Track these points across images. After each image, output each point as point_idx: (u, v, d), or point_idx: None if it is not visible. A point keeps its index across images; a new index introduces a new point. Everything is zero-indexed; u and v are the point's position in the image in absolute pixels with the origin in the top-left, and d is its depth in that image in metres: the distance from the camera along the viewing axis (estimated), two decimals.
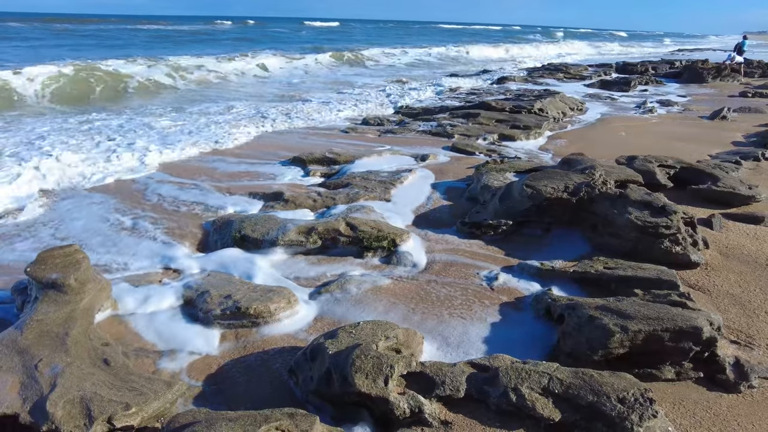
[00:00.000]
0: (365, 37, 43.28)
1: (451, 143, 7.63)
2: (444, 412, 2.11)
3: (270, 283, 3.57)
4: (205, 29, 47.22)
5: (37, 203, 5.21)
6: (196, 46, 27.79)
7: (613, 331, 2.63)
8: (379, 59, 25.55)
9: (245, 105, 11.46)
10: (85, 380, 2.33)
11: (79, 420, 2.13)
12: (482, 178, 5.27)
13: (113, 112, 10.43)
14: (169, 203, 5.27)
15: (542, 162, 6.23)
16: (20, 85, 12.19)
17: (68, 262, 3.14)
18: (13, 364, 2.43)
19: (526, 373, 2.17)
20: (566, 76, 17.27)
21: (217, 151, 7.45)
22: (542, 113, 9.48)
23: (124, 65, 15.95)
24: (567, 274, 3.67)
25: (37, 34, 33.45)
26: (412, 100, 12.38)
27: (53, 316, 2.78)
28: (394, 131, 8.59)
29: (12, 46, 24.68)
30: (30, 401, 2.21)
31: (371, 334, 2.50)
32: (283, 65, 20.49)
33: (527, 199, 4.43)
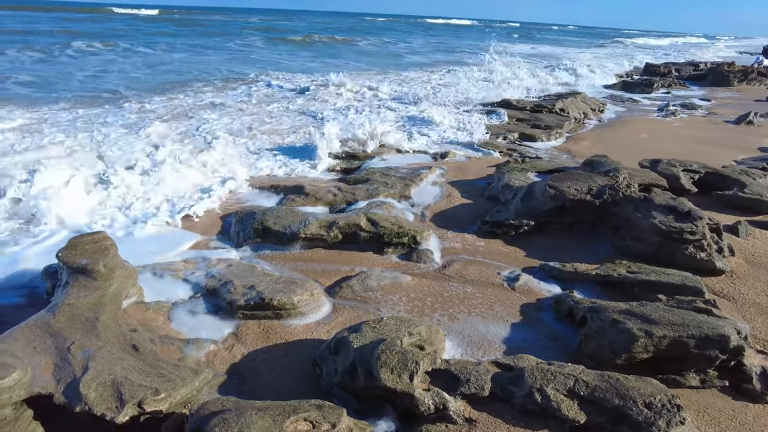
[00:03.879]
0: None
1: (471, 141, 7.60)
2: (468, 410, 2.13)
3: (291, 276, 3.61)
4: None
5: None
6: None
7: (637, 335, 2.62)
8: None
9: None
10: (116, 364, 2.38)
11: (111, 403, 2.18)
12: (503, 177, 5.25)
13: None
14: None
15: (563, 163, 6.18)
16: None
17: (97, 248, 3.21)
18: (47, 346, 2.49)
19: (551, 374, 2.17)
20: (586, 75, 17.05)
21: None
22: (563, 113, 9.39)
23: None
24: (589, 277, 3.66)
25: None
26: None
27: (83, 300, 2.84)
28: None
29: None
30: (63, 382, 2.27)
31: (395, 330, 2.52)
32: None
33: (550, 200, 4.40)
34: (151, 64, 15.84)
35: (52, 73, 12.95)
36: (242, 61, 17.97)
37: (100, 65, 15.03)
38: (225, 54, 20.01)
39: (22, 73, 12.45)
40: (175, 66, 15.67)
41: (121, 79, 12.73)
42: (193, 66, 15.82)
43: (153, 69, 14.73)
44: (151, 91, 11.27)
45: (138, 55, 18.07)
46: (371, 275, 3.66)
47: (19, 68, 13.63)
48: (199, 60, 17.57)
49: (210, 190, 5.26)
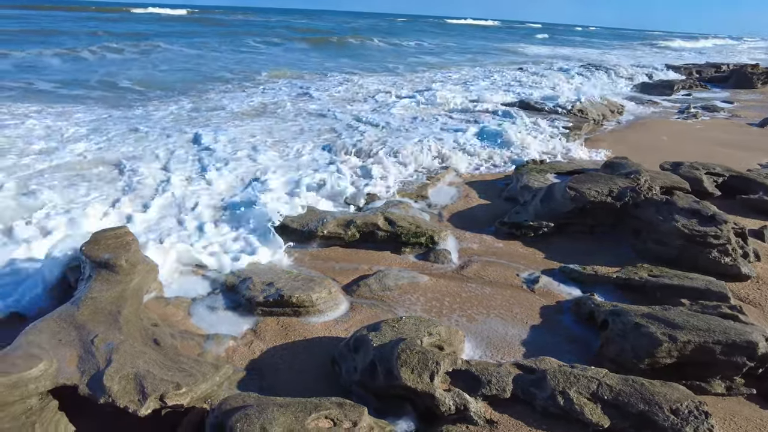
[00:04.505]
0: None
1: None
2: (489, 412, 2.11)
3: (309, 274, 3.62)
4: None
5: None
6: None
7: (660, 340, 2.57)
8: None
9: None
10: (138, 358, 2.41)
11: (134, 395, 2.20)
12: (522, 178, 5.21)
13: None
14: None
15: (583, 164, 6.11)
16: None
17: (119, 243, 3.25)
18: (71, 338, 2.52)
19: (574, 377, 2.14)
20: (607, 75, 16.84)
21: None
22: (582, 114, 9.29)
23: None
24: (610, 280, 3.60)
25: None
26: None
27: (106, 294, 2.88)
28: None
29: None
30: (88, 374, 2.30)
31: (414, 330, 2.51)
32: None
33: (570, 202, 4.36)
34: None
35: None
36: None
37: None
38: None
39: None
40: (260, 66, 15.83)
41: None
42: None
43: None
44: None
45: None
46: (389, 274, 3.65)
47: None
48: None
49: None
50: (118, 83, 12.04)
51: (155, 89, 11.55)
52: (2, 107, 8.70)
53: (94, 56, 16.28)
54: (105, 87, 11.55)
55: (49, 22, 29.39)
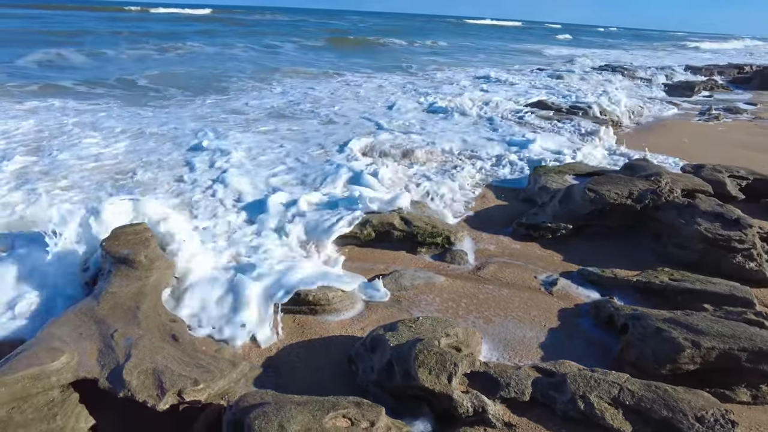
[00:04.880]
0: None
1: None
2: (508, 415, 2.08)
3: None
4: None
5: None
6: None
7: (683, 345, 2.52)
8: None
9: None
10: (157, 353, 2.43)
11: (152, 390, 2.22)
12: (540, 179, 5.15)
13: None
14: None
15: (601, 166, 6.02)
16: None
17: (138, 239, 3.29)
18: (92, 332, 2.56)
19: (595, 381, 2.10)
20: (626, 77, 16.61)
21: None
22: (601, 116, 9.17)
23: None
24: (629, 283, 3.54)
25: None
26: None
27: (125, 290, 2.91)
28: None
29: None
30: (107, 368, 2.32)
31: (431, 330, 2.49)
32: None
33: (589, 204, 4.30)
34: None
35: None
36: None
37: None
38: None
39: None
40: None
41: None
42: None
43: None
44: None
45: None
46: (405, 274, 3.64)
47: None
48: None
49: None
50: (137, 81, 12.20)
51: (174, 88, 11.69)
52: (24, 102, 8.89)
53: (117, 56, 16.50)
54: (125, 85, 11.71)
55: (73, 22, 29.86)
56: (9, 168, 5.46)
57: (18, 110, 8.44)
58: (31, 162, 5.76)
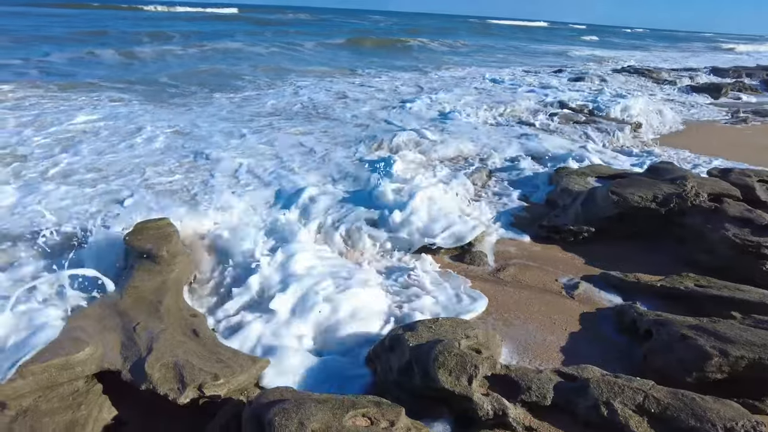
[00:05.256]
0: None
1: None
2: (528, 419, 2.05)
3: None
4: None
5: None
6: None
7: (710, 353, 2.45)
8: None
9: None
10: (178, 347, 2.45)
11: (173, 384, 2.24)
12: (562, 181, 5.08)
13: None
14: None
15: (624, 168, 5.92)
16: None
17: (161, 234, 3.33)
18: (115, 325, 2.60)
19: (618, 387, 2.06)
20: (649, 79, 16.31)
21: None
22: (623, 118, 9.01)
23: None
24: (653, 289, 3.47)
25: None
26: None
27: (148, 284, 2.95)
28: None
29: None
30: (130, 361, 2.36)
31: (451, 331, 2.47)
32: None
33: (612, 206, 4.23)
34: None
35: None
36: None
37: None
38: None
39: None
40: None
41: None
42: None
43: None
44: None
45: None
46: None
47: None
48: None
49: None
50: (159, 80, 12.39)
51: (194, 86, 11.85)
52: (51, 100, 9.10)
53: (144, 54, 16.76)
54: (147, 83, 11.90)
55: (97, 20, 30.39)
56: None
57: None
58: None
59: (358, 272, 3.47)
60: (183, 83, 12.07)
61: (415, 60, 20.60)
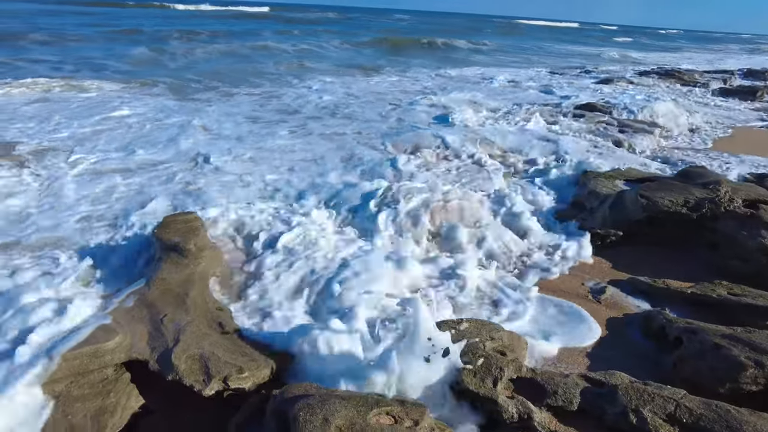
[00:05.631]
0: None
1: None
2: (554, 423, 2.02)
3: None
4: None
5: None
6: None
7: (745, 364, 2.37)
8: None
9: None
10: (204, 340, 2.49)
11: (199, 375, 2.27)
12: (589, 183, 4.99)
13: None
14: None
15: (655, 172, 5.78)
16: None
17: (188, 228, 3.39)
18: (143, 315, 2.65)
19: (648, 395, 2.01)
20: (679, 81, 15.90)
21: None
22: (653, 119, 8.81)
23: None
24: (683, 295, 3.38)
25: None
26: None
27: (175, 276, 3.00)
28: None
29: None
30: (157, 351, 2.40)
31: (476, 333, 2.45)
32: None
33: (641, 210, 4.13)
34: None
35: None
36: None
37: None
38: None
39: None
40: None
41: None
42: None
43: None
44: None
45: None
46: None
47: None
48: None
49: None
50: (193, 77, 12.62)
51: (220, 82, 12.04)
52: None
53: (176, 52, 17.08)
54: (182, 80, 12.13)
55: (129, 19, 30.98)
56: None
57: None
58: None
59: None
60: (212, 80, 12.29)
61: (439, 60, 20.52)
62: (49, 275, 3.20)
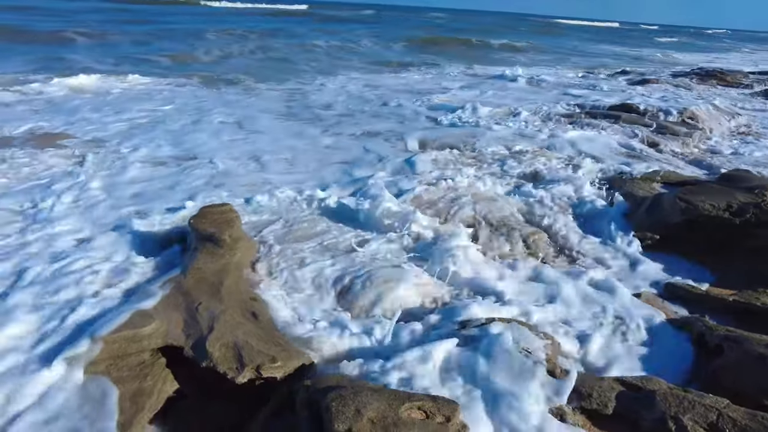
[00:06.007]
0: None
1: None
2: (588, 426, 1.98)
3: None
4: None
5: None
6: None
7: None
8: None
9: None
10: (237, 328, 2.53)
11: (232, 363, 2.31)
12: (625, 185, 4.87)
13: None
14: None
15: (693, 175, 5.60)
16: None
17: (224, 219, 3.45)
18: (179, 303, 2.71)
19: (689, 402, 1.95)
20: (720, 82, 15.32)
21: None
22: (693, 122, 8.52)
23: None
24: (724, 303, 3.26)
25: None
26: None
27: (210, 266, 3.06)
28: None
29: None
30: (192, 338, 2.45)
31: (508, 331, 2.41)
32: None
33: (680, 214, 4.01)
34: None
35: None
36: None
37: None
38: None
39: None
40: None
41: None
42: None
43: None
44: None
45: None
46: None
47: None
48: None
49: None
50: (221, 73, 12.87)
51: (253, 78, 12.26)
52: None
53: (214, 50, 17.42)
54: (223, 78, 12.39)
55: (165, 16, 31.62)
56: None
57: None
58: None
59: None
60: (244, 75, 12.54)
61: (470, 58, 20.34)
62: (89, 259, 3.31)
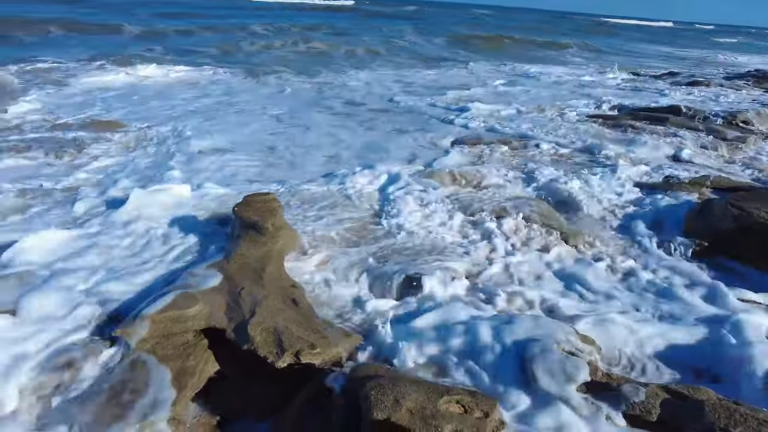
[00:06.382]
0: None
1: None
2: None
3: None
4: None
5: None
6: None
7: None
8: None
9: None
10: (278, 314, 2.58)
11: (273, 348, 2.36)
12: (672, 190, 4.70)
13: None
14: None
15: (747, 181, 5.35)
16: None
17: (267, 208, 3.52)
18: (222, 287, 2.79)
19: (740, 415, 1.87)
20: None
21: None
22: (746, 126, 8.14)
23: None
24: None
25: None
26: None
27: (253, 252, 3.13)
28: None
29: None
30: (234, 321, 2.52)
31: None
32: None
33: (731, 221, 3.84)
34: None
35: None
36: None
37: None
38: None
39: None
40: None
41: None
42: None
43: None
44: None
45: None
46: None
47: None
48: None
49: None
50: (261, 65, 13.12)
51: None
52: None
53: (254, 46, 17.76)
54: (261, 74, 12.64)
55: (206, 9, 32.16)
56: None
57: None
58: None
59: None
60: (283, 68, 12.79)
61: (508, 56, 20.03)
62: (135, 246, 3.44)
